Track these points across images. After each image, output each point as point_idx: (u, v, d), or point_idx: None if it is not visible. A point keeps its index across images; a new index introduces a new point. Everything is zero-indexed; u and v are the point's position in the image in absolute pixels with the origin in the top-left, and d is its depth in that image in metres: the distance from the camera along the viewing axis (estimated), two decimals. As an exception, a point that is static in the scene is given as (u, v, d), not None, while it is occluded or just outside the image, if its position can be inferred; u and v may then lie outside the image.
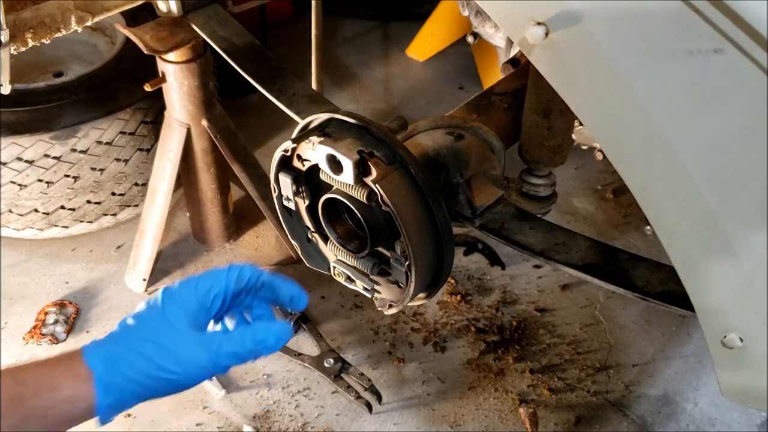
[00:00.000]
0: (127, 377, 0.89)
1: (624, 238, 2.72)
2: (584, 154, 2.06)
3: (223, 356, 0.92)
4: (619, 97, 0.91)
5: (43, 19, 1.77)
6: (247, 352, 0.94)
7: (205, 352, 0.91)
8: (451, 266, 1.23)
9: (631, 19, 0.86)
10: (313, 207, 1.29)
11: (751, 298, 0.94)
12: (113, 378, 0.88)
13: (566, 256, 1.31)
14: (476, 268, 2.63)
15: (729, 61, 0.81)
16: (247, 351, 0.94)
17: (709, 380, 2.25)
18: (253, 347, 0.94)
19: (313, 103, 1.71)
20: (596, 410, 2.19)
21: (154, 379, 0.89)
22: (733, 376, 1.05)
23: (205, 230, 2.66)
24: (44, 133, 2.34)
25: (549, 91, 1.30)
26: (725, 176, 0.89)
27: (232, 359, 0.93)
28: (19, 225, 2.56)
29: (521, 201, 1.65)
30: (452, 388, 2.25)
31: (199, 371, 0.91)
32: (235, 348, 0.93)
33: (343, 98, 3.46)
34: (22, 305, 2.48)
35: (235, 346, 0.93)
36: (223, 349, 0.92)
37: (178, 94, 2.21)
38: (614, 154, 0.97)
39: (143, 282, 2.52)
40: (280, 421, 2.16)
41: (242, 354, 0.93)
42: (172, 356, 0.90)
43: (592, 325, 2.44)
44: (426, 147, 1.39)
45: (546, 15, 0.91)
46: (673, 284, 1.20)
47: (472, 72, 3.48)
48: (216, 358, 0.92)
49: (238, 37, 1.91)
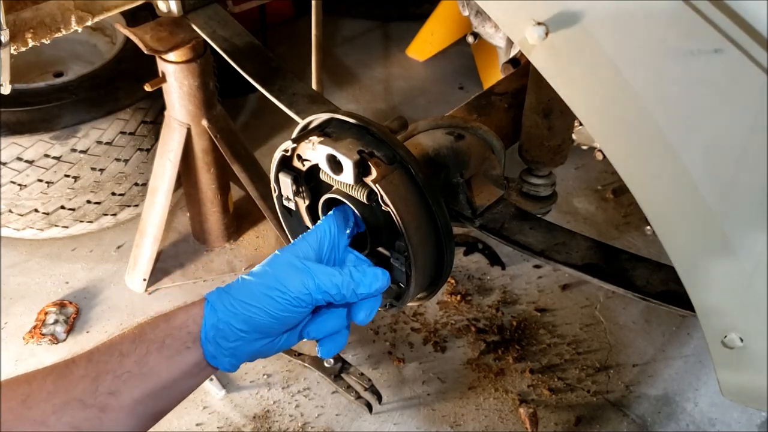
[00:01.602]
0: (236, 299, 0.95)
1: (624, 238, 2.72)
2: (584, 154, 2.06)
3: (323, 284, 0.99)
4: (619, 97, 0.91)
5: (43, 19, 1.77)
6: (345, 284, 1.00)
7: (306, 277, 0.98)
8: (451, 266, 1.23)
9: (631, 18, 0.86)
10: (313, 207, 1.29)
11: (751, 298, 0.94)
12: (222, 299, 0.95)
13: (566, 256, 1.31)
14: (476, 268, 2.63)
15: (729, 61, 0.81)
16: (345, 283, 1.00)
17: (709, 380, 2.25)
18: (350, 281, 1.01)
19: (313, 103, 1.70)
20: (596, 410, 2.19)
21: (260, 298, 0.95)
22: (733, 376, 1.05)
23: (205, 230, 2.66)
24: (44, 133, 2.34)
25: (549, 91, 1.30)
26: (725, 176, 0.88)
27: (331, 289, 0.99)
28: (19, 225, 2.56)
29: (521, 201, 1.65)
30: (452, 388, 2.25)
31: (299, 296, 0.97)
32: (335, 279, 0.99)
33: (343, 98, 3.46)
34: (22, 305, 2.48)
35: (335, 278, 0.99)
36: (322, 279, 0.99)
37: (178, 94, 2.21)
38: (614, 155, 0.97)
39: (143, 282, 2.52)
40: (280, 421, 2.16)
41: (340, 285, 1.00)
42: (276, 280, 0.97)
43: (592, 325, 2.44)
44: (426, 147, 1.39)
45: (546, 15, 0.90)
46: (673, 284, 1.20)
47: (472, 72, 3.48)
48: (316, 283, 0.98)
49: (238, 37, 1.91)
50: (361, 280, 1.02)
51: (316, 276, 0.98)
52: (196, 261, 2.66)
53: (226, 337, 0.94)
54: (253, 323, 0.95)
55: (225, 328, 0.94)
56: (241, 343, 0.96)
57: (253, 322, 0.95)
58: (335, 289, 0.99)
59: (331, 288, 0.99)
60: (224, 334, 0.94)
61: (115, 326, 2.43)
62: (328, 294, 0.99)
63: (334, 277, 0.99)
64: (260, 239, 2.73)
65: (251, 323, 0.95)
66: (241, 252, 2.68)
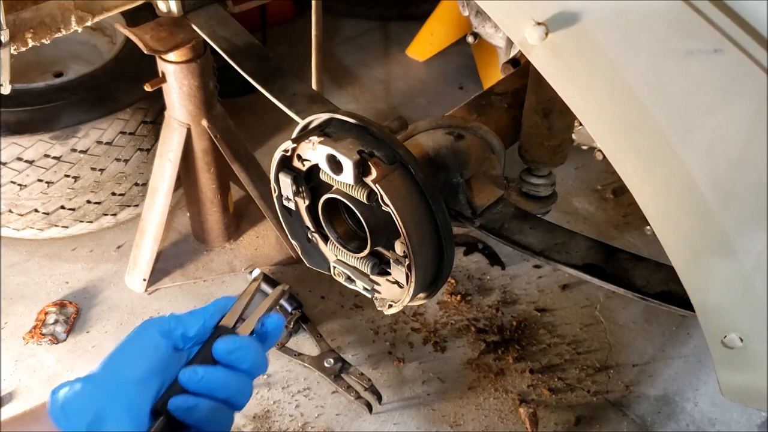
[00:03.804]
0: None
1: (624, 238, 2.72)
2: (584, 154, 2.06)
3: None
4: (619, 97, 0.91)
5: (43, 19, 1.77)
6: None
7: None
8: (451, 266, 1.23)
9: (631, 18, 0.86)
10: (313, 207, 1.29)
11: (751, 298, 0.94)
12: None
13: (566, 256, 1.31)
14: (476, 268, 2.63)
15: (729, 61, 0.81)
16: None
17: (709, 380, 2.25)
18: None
19: (313, 103, 1.71)
20: (596, 410, 2.19)
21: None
22: (733, 376, 1.05)
23: (205, 230, 2.66)
24: (44, 133, 2.34)
25: (549, 91, 1.30)
26: (725, 176, 0.88)
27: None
28: (19, 225, 2.56)
29: (521, 201, 1.65)
30: (452, 388, 2.25)
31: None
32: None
33: (343, 98, 3.46)
34: (22, 305, 2.48)
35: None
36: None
37: (178, 94, 2.21)
38: (614, 155, 0.97)
39: (143, 282, 2.52)
40: (280, 421, 2.16)
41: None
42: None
43: (592, 325, 2.44)
44: (426, 147, 1.39)
45: (546, 15, 0.91)
46: (673, 284, 1.20)
47: (472, 72, 3.48)
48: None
49: (238, 37, 1.91)
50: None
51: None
52: (196, 261, 2.65)
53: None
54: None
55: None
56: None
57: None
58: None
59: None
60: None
61: (114, 326, 2.43)
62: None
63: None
64: (260, 239, 2.73)
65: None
66: (241, 252, 2.68)
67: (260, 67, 1.82)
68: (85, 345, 2.36)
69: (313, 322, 2.40)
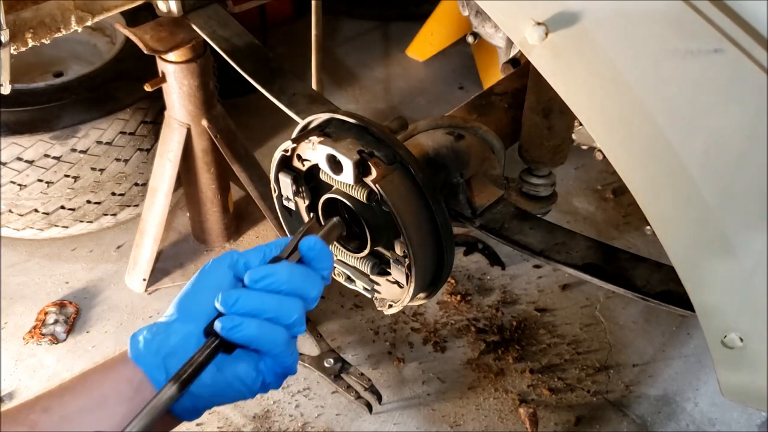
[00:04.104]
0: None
1: (624, 238, 2.72)
2: (584, 154, 2.06)
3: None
4: (619, 97, 0.91)
5: (43, 19, 1.77)
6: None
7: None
8: (451, 266, 1.23)
9: (631, 18, 0.86)
10: (313, 207, 1.29)
11: (751, 298, 0.94)
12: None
13: (566, 256, 1.31)
14: (476, 268, 2.63)
15: (729, 61, 0.81)
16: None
17: (709, 380, 2.25)
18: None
19: (313, 103, 1.71)
20: (596, 410, 2.19)
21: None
22: (733, 376, 1.05)
23: (205, 230, 2.66)
24: (44, 133, 2.34)
25: (549, 91, 1.30)
26: (725, 176, 0.88)
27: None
28: (19, 225, 2.56)
29: (521, 201, 1.65)
30: (452, 388, 2.25)
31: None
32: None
33: (343, 98, 3.46)
34: (22, 305, 2.48)
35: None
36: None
37: (178, 94, 2.21)
38: (614, 155, 0.97)
39: (143, 282, 2.52)
40: (280, 421, 2.16)
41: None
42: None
43: (592, 325, 2.44)
44: (426, 147, 1.39)
45: (546, 15, 0.91)
46: (673, 284, 1.20)
47: (472, 72, 3.48)
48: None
49: (238, 37, 1.91)
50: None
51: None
52: (196, 261, 2.65)
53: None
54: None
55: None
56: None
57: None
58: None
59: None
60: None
61: (114, 326, 2.43)
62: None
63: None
64: (260, 239, 2.73)
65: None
66: (241, 252, 2.68)
67: (260, 67, 1.82)
68: (85, 345, 2.36)
69: (313, 322, 2.40)
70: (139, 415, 0.82)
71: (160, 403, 0.83)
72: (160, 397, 0.83)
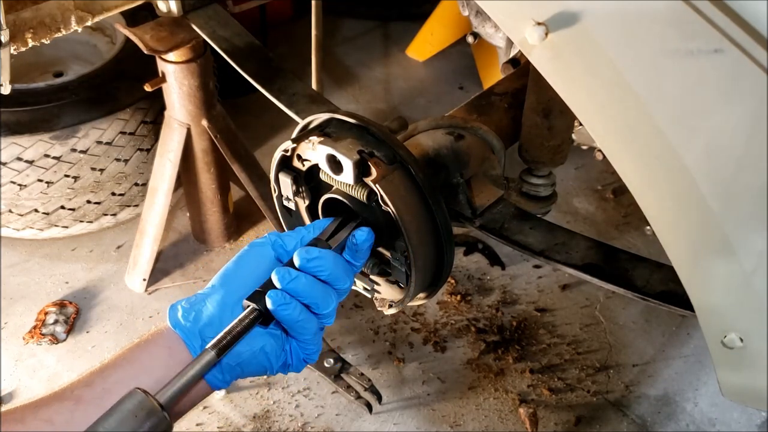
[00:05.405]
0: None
1: (624, 238, 2.72)
2: (584, 154, 2.06)
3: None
4: (619, 97, 0.91)
5: (43, 19, 1.77)
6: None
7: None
8: (451, 266, 1.23)
9: (631, 18, 0.86)
10: (313, 207, 1.29)
11: (751, 298, 0.94)
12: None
13: (566, 256, 1.31)
14: (476, 268, 2.63)
15: (729, 61, 0.81)
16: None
17: (709, 380, 2.25)
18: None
19: (313, 103, 1.71)
20: (596, 410, 2.19)
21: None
22: (733, 376, 1.05)
23: (205, 230, 2.66)
24: (44, 133, 2.34)
25: (549, 91, 1.30)
26: (725, 176, 0.88)
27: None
28: (19, 225, 2.56)
29: (521, 201, 1.64)
30: (452, 388, 2.25)
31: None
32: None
33: (343, 98, 3.46)
34: (22, 305, 2.48)
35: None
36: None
37: (178, 94, 2.21)
38: (614, 155, 0.97)
39: (143, 282, 2.52)
40: (280, 421, 2.16)
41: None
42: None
43: (592, 325, 2.44)
44: (426, 147, 1.39)
45: (546, 15, 0.90)
46: (673, 284, 1.20)
47: (472, 72, 3.48)
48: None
49: (238, 37, 1.91)
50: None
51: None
52: (196, 261, 2.66)
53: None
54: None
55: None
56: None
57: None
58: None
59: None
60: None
61: (114, 326, 2.43)
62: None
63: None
64: (260, 239, 2.73)
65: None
66: (241, 252, 2.68)
67: (260, 67, 1.82)
68: (85, 345, 2.36)
69: (313, 322, 2.40)
70: (178, 375, 0.86)
71: (200, 366, 0.87)
72: (199, 361, 0.87)
